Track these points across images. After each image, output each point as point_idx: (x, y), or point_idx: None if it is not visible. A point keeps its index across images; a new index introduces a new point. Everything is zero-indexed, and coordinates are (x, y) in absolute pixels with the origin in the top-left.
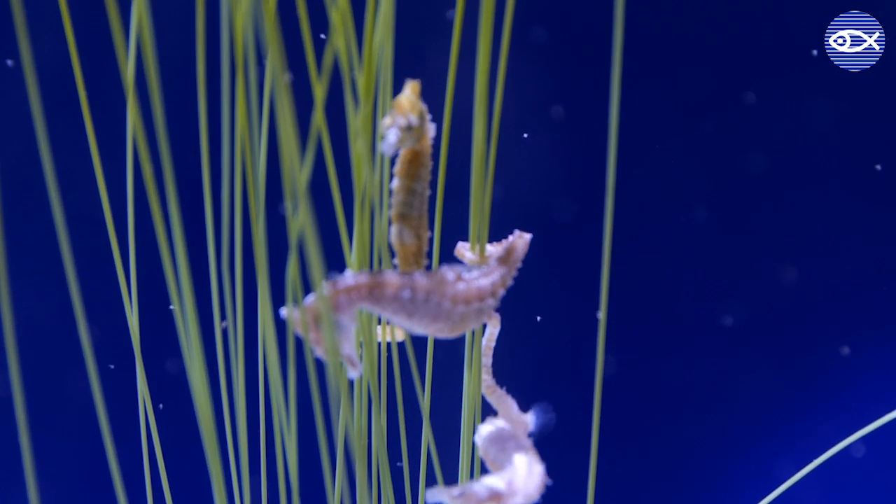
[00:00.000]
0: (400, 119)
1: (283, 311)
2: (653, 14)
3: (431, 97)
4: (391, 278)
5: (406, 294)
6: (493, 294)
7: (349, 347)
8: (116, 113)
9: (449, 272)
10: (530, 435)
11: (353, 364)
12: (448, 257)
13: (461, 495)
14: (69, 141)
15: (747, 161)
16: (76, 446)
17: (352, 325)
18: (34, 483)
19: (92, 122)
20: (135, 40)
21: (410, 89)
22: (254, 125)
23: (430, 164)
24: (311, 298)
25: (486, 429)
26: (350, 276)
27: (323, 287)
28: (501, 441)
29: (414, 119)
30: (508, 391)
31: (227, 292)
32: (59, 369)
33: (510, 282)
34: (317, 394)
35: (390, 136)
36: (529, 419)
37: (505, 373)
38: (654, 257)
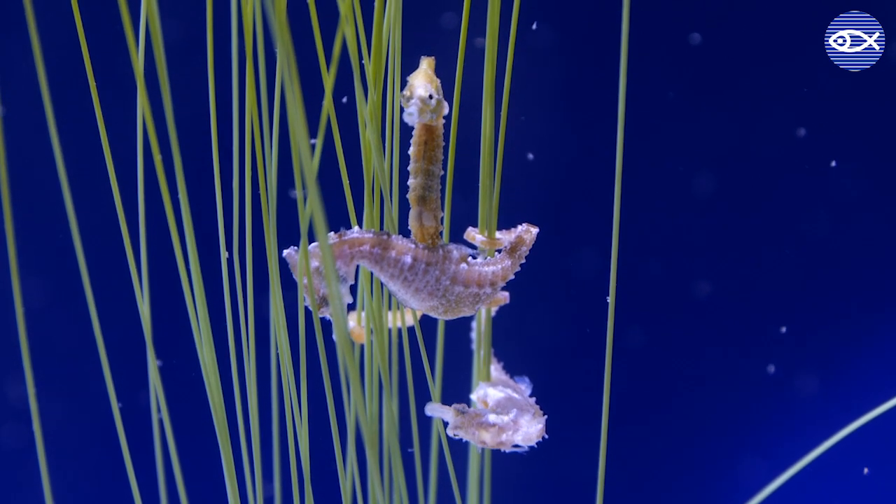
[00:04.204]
0: (420, 90)
1: (286, 252)
2: (654, 12)
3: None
4: (396, 241)
5: (407, 260)
6: (492, 284)
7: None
8: (126, 104)
9: (455, 251)
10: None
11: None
12: (457, 241)
13: (465, 414)
14: (78, 132)
15: (749, 157)
16: (86, 428)
17: (346, 281)
18: (48, 479)
19: (101, 112)
20: (144, 30)
21: (427, 64)
22: (263, 113)
23: (442, 143)
24: (314, 245)
25: (494, 393)
26: (356, 231)
27: (329, 237)
28: (509, 402)
29: (433, 90)
30: (515, 374)
31: (238, 280)
32: (67, 352)
33: (512, 276)
34: (328, 380)
35: (412, 107)
36: (524, 386)
37: (513, 359)
38: (659, 249)
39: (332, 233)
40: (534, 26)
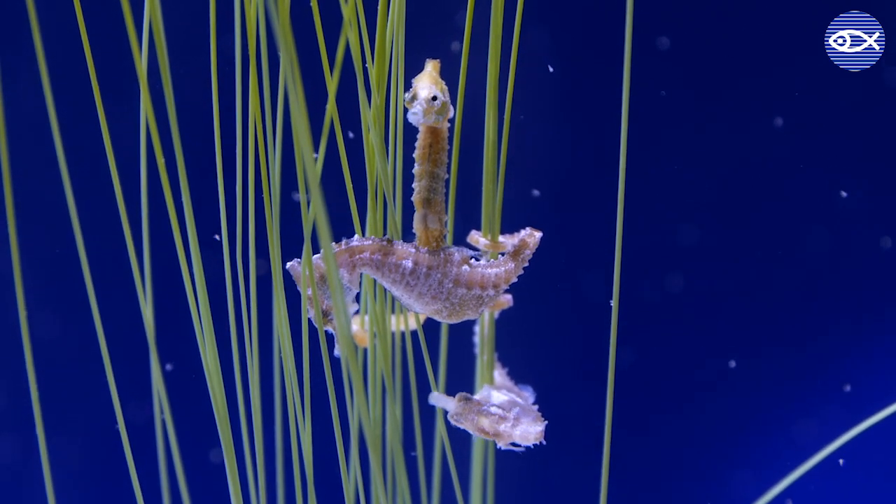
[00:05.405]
0: (424, 91)
1: (289, 265)
2: (654, 13)
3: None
4: (397, 246)
5: (408, 264)
6: (495, 286)
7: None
8: (129, 108)
9: (456, 253)
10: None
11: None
12: (460, 244)
13: (469, 401)
14: (81, 135)
15: (750, 160)
16: (87, 429)
17: (350, 290)
18: (50, 481)
19: (105, 115)
20: (147, 33)
21: (432, 67)
22: (267, 116)
23: (447, 146)
24: (317, 257)
25: (498, 396)
26: (357, 239)
27: (331, 246)
28: (512, 404)
29: (438, 92)
30: (521, 381)
31: (241, 283)
32: (71, 361)
33: (515, 278)
34: (331, 384)
35: (416, 107)
36: (527, 394)
37: (516, 363)
38: (661, 256)
39: (334, 242)
40: (550, 69)
